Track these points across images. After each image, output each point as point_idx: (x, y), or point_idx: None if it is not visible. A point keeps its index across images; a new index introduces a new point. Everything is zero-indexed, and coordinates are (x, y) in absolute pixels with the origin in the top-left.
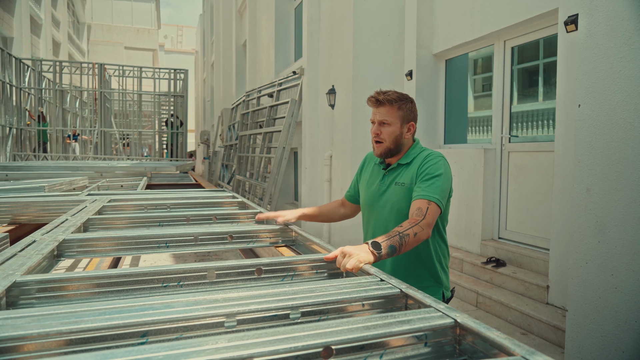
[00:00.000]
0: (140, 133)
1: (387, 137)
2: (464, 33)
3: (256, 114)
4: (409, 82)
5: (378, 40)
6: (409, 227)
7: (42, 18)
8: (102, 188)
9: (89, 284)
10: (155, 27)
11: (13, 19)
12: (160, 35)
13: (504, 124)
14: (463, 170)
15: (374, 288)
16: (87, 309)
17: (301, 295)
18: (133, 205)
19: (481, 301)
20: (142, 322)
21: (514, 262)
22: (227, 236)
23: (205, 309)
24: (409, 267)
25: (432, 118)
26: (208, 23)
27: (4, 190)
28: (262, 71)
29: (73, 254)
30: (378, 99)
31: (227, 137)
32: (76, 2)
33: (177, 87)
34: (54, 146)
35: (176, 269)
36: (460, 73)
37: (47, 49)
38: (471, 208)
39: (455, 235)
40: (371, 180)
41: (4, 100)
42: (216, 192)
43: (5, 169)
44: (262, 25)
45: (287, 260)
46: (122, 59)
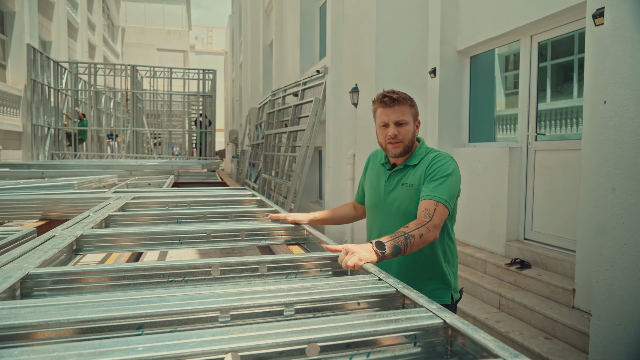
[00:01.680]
0: (170, 132)
1: (405, 137)
2: (489, 29)
3: (281, 113)
4: (432, 80)
5: (401, 38)
6: (415, 228)
7: (79, 22)
8: (130, 186)
9: (98, 277)
10: (186, 29)
11: (51, 23)
12: (191, 37)
13: (530, 122)
14: (487, 170)
15: (370, 287)
16: (87, 301)
17: (296, 293)
18: (155, 203)
19: (504, 303)
20: (138, 315)
21: (540, 264)
22: (239, 233)
23: (199, 303)
24: (416, 269)
25: (456, 116)
26: (237, 24)
27: (36, 187)
28: (288, 70)
29: (91, 248)
30: (394, 98)
31: (254, 136)
32: (111, 6)
33: (206, 87)
34: (89, 145)
35: (181, 265)
36: (486, 70)
37: (83, 52)
38: (496, 208)
39: (478, 235)
40: (376, 180)
41: (43, 102)
42: (237, 191)
43: (42, 167)
44: (288, 24)
45: (291, 257)
46: (154, 60)
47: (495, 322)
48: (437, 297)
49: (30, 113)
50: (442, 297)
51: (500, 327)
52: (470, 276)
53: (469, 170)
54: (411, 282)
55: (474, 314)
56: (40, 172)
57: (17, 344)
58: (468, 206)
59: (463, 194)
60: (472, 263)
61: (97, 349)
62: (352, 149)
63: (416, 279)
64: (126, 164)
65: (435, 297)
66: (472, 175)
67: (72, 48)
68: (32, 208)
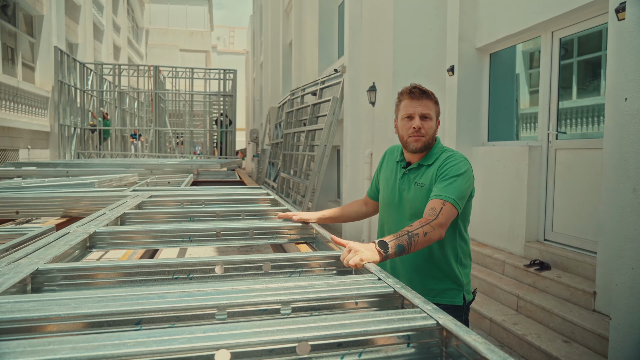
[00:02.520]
0: (191, 132)
1: (428, 132)
2: (508, 25)
3: (300, 112)
4: (450, 78)
5: (419, 36)
6: (419, 227)
7: (104, 24)
8: (150, 184)
9: (106, 273)
10: (208, 29)
11: (78, 26)
12: (213, 37)
13: (551, 120)
14: (506, 169)
15: (369, 286)
16: (89, 297)
17: (294, 291)
18: (171, 201)
19: (522, 305)
20: (136, 311)
21: (560, 266)
22: (248, 232)
23: (197, 300)
24: (426, 269)
25: (475, 115)
26: (258, 23)
27: (59, 185)
28: (307, 69)
29: (104, 245)
30: (423, 90)
31: (273, 135)
32: (135, 8)
33: (226, 87)
34: (114, 144)
35: (186, 262)
36: (506, 67)
37: (108, 54)
38: (515, 208)
39: (497, 235)
40: (390, 177)
41: (69, 102)
42: (252, 190)
43: (67, 165)
44: (307, 23)
45: (296, 256)
46: (177, 61)
47: (513, 325)
48: (448, 297)
49: (57, 113)
50: (454, 297)
51: (518, 329)
52: (488, 277)
53: (487, 169)
54: (421, 282)
55: (490, 316)
56: (65, 170)
57: (19, 337)
58: (486, 206)
59: (482, 193)
60: (490, 264)
61: (90, 343)
62: (369, 147)
63: (427, 279)
64: (147, 163)
65: (446, 298)
66: (491, 175)
67: (97, 50)
68: (54, 206)
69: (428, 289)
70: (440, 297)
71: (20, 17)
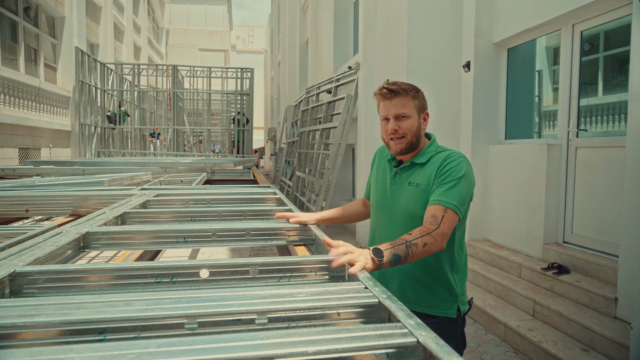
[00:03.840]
0: (209, 130)
1: (408, 131)
2: (527, 19)
3: (315, 110)
4: (466, 74)
5: (434, 31)
6: (418, 236)
7: (125, 25)
8: (163, 183)
9: (86, 276)
10: (227, 29)
11: (99, 27)
12: (233, 36)
13: (571, 117)
14: (524, 168)
15: (353, 296)
16: (51, 303)
17: (272, 300)
18: (177, 200)
19: (538, 310)
20: (99, 320)
21: (579, 270)
22: (245, 233)
23: (166, 309)
24: (420, 279)
25: (492, 112)
26: (276, 22)
27: (69, 184)
28: (323, 68)
29: (97, 246)
30: (392, 89)
31: (290, 133)
32: (156, 9)
33: (244, 86)
34: (133, 143)
35: (169, 266)
36: (524, 62)
37: (128, 54)
38: (532, 209)
39: (514, 237)
40: (381, 178)
41: (90, 102)
42: (259, 189)
43: (83, 164)
44: (323, 21)
45: (285, 260)
46: (196, 60)
47: (528, 331)
48: (442, 309)
49: (78, 113)
50: (448, 309)
51: (533, 335)
52: (504, 280)
53: (504, 168)
54: (414, 291)
55: (505, 321)
56: (81, 169)
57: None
58: (503, 206)
59: (498, 193)
60: (506, 266)
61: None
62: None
63: (419, 288)
64: (161, 161)
65: (440, 310)
66: (508, 174)
67: (118, 50)
68: (62, 204)
69: (421, 299)
70: (433, 309)
71: (43, 18)
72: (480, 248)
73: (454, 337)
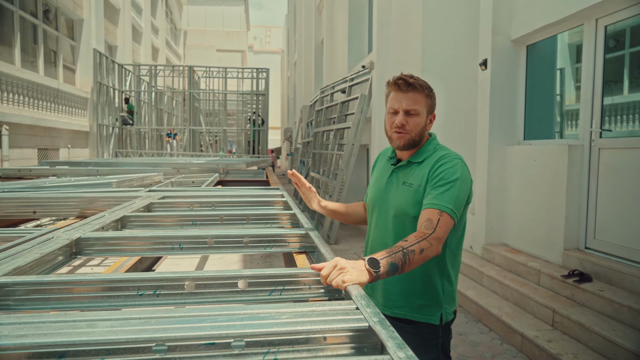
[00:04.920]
0: (224, 131)
1: (414, 129)
2: (547, 14)
3: (329, 110)
4: (483, 73)
5: (449, 28)
6: (414, 242)
7: (142, 27)
8: (175, 184)
9: (63, 288)
10: (244, 29)
11: (117, 28)
12: (250, 37)
13: (594, 117)
14: (544, 170)
15: (342, 318)
16: (5, 322)
17: (251, 322)
18: (181, 203)
19: (558, 320)
20: (59, 343)
21: (602, 278)
22: (242, 239)
23: (132, 331)
24: (406, 280)
25: (509, 111)
26: (292, 22)
27: (78, 185)
28: (338, 67)
29: (90, 252)
30: (409, 82)
31: (305, 133)
32: (174, 11)
33: (259, 86)
34: (150, 143)
35: (153, 277)
36: (544, 60)
37: (146, 55)
38: (552, 212)
39: (532, 242)
40: (380, 177)
41: (108, 103)
42: (268, 191)
43: (98, 165)
44: (338, 20)
45: (276, 272)
46: (213, 61)
47: (547, 342)
48: (424, 314)
49: (96, 113)
50: (430, 315)
51: (552, 347)
52: (521, 287)
53: (522, 170)
54: (398, 295)
55: (522, 331)
56: (95, 169)
57: None
58: (521, 210)
59: (516, 195)
60: (524, 272)
61: None
62: None
63: (408, 291)
64: (174, 162)
65: (422, 315)
66: (527, 176)
67: (136, 51)
68: (70, 206)
69: (403, 302)
70: (415, 313)
71: (62, 21)
72: (497, 253)
73: (435, 347)
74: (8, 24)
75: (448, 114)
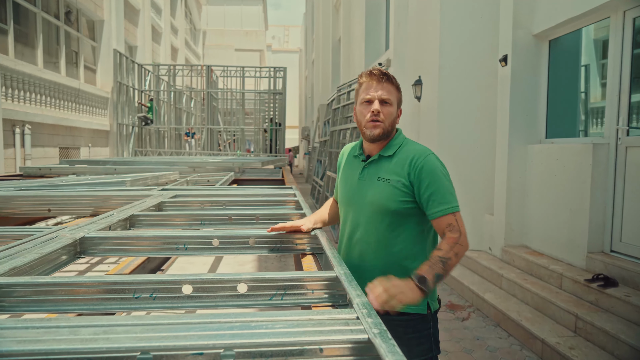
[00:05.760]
0: (242, 130)
1: (387, 119)
2: (571, 6)
3: (345, 108)
4: (503, 69)
5: (468, 23)
6: (449, 249)
7: (162, 27)
8: (190, 183)
9: (58, 290)
10: (262, 29)
11: (137, 29)
12: (268, 36)
13: (621, 114)
14: (567, 169)
15: (339, 329)
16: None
17: (242, 331)
18: (193, 202)
19: (581, 327)
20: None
21: (629, 282)
22: (249, 240)
23: (115, 339)
24: (390, 273)
25: (531, 109)
26: (310, 21)
27: (93, 184)
28: (355, 65)
29: (94, 252)
30: (384, 73)
31: (322, 132)
32: (193, 11)
33: (277, 85)
34: (169, 142)
35: (149, 280)
36: (568, 55)
37: (166, 55)
38: (575, 214)
39: (554, 244)
40: (349, 173)
41: (128, 102)
42: (280, 190)
43: (115, 163)
44: (356, 18)
45: (278, 277)
46: (232, 60)
47: (569, 349)
48: (413, 305)
49: (116, 113)
50: (418, 305)
51: (575, 355)
52: (542, 291)
53: (544, 169)
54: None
55: (543, 337)
56: (113, 168)
57: None
58: (543, 211)
59: (537, 196)
60: (545, 276)
61: None
62: None
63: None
64: (190, 160)
65: (411, 307)
66: (549, 176)
67: (155, 52)
68: (84, 204)
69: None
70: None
71: (83, 22)
72: (517, 255)
73: (427, 336)
74: (31, 25)
75: (467, 111)
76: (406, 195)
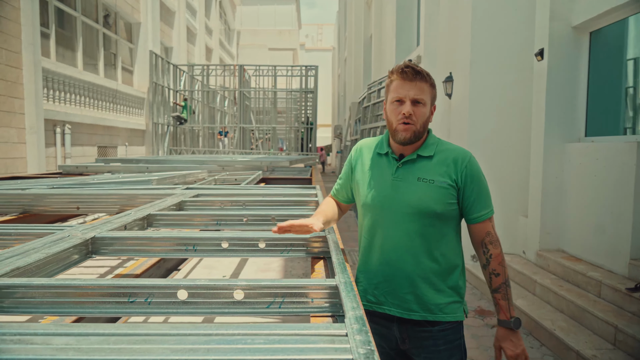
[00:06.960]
0: (274, 128)
1: (419, 120)
2: None
3: (376, 106)
4: (539, 63)
5: (501, 17)
6: (502, 268)
7: (197, 28)
8: (218, 181)
9: (54, 292)
10: (295, 28)
11: (172, 30)
12: (302, 35)
13: None
14: (608, 170)
15: (322, 347)
16: None
17: (218, 346)
18: (213, 201)
19: (621, 339)
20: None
21: None
22: (258, 242)
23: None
24: (430, 281)
25: (569, 105)
26: (342, 19)
27: (120, 182)
28: (386, 62)
29: (106, 252)
30: (417, 70)
31: (353, 131)
32: (227, 12)
33: (308, 84)
34: (203, 141)
35: (145, 284)
36: (611, 48)
37: (200, 55)
38: (617, 217)
39: (593, 249)
40: (379, 174)
41: (163, 102)
42: (303, 190)
43: (147, 162)
44: (387, 14)
45: (276, 284)
46: (265, 60)
47: None
48: (451, 312)
49: (151, 113)
50: (456, 311)
51: None
52: (579, 299)
53: (583, 170)
54: (417, 296)
55: (578, 348)
56: (145, 166)
57: None
58: (581, 213)
59: (575, 198)
60: (582, 283)
61: None
62: None
63: (427, 293)
64: (219, 159)
65: (449, 314)
66: (588, 177)
67: (190, 52)
68: (110, 202)
69: (425, 304)
70: (442, 314)
71: (121, 25)
72: (552, 259)
73: (459, 347)
74: (71, 29)
75: (500, 108)
76: (452, 197)
